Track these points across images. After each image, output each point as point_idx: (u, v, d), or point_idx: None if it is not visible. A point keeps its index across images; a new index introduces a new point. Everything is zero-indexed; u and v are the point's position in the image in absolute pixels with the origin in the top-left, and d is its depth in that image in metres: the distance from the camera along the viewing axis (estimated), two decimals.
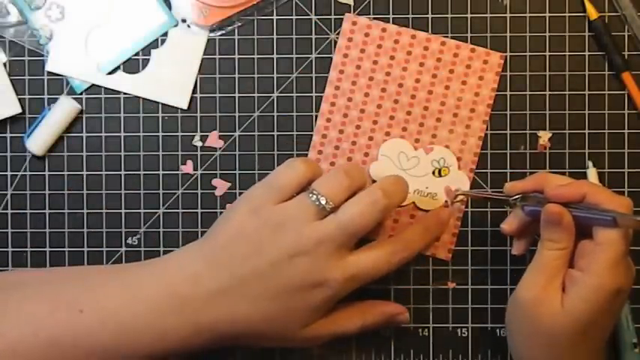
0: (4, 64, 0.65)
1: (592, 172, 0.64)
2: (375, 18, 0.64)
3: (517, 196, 0.59)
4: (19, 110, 0.64)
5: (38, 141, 0.64)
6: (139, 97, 0.65)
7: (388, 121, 0.64)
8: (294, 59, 0.65)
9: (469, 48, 0.64)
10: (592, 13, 0.64)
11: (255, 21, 0.65)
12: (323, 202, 0.55)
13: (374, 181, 0.64)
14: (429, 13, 0.64)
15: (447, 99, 0.64)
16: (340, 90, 0.64)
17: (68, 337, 0.54)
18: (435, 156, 0.64)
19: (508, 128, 0.65)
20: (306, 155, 0.64)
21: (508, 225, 0.59)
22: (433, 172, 0.64)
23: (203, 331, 0.55)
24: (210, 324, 0.55)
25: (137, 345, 0.55)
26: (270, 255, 0.55)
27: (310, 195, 0.56)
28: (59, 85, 0.65)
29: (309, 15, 0.65)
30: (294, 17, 0.65)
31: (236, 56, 0.65)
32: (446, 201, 0.64)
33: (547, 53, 0.64)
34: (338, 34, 0.64)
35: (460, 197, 0.64)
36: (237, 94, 0.65)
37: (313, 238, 0.55)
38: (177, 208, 0.65)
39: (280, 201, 0.56)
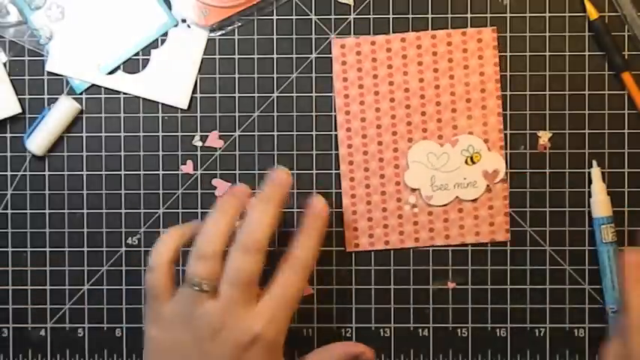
0: (4, 64, 0.65)
1: (596, 172, 0.64)
2: (375, 18, 0.64)
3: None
4: (19, 110, 0.64)
5: (38, 141, 0.64)
6: (139, 97, 0.65)
7: (407, 128, 0.64)
8: (294, 59, 0.65)
9: (460, 32, 0.64)
10: (592, 13, 0.64)
11: (255, 21, 0.65)
12: (205, 287, 0.55)
13: (408, 188, 0.64)
14: (429, 13, 0.64)
15: (454, 88, 0.64)
16: (351, 114, 0.64)
17: None
18: (463, 145, 0.64)
19: (508, 128, 0.65)
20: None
21: None
22: (466, 162, 0.64)
23: None
24: None
25: None
26: (195, 346, 0.56)
27: (192, 285, 0.55)
28: (59, 85, 0.65)
29: (309, 15, 0.65)
30: (294, 17, 0.65)
31: (236, 56, 0.65)
32: (488, 185, 0.64)
33: (547, 53, 0.64)
34: (338, 34, 0.64)
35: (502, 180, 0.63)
36: (237, 94, 0.65)
37: (218, 314, 0.55)
38: (177, 208, 0.65)
39: (166, 299, 0.56)
